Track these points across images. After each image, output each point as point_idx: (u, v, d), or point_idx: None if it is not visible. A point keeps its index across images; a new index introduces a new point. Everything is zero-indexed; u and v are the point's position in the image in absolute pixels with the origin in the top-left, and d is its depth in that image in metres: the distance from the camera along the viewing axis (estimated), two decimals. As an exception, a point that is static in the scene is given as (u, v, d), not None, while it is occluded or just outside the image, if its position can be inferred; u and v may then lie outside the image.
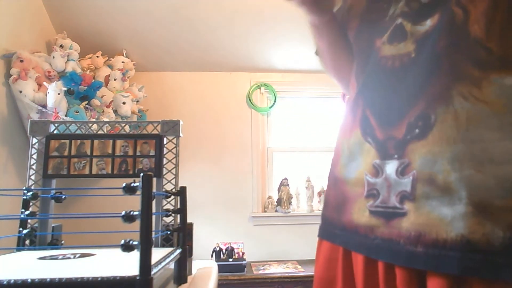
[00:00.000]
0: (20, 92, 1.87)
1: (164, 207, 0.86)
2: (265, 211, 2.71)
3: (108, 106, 2.22)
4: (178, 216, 0.78)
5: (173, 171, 0.89)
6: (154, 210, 0.62)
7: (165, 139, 0.91)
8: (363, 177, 0.54)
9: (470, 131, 0.44)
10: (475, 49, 0.46)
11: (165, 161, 0.89)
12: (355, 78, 0.62)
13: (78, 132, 0.93)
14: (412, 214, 0.47)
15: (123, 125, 1.02)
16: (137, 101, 2.50)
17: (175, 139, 0.91)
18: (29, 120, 0.94)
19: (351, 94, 0.62)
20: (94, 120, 2.02)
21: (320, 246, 0.63)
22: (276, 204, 2.69)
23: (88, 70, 2.26)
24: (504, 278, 0.40)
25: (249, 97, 2.77)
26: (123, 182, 0.51)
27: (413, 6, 0.52)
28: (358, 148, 0.56)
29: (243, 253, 2.39)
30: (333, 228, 0.60)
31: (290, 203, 2.65)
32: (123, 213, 0.49)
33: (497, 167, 0.42)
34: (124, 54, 2.52)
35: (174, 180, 0.88)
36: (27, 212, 0.80)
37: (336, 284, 0.58)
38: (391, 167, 0.50)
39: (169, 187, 0.86)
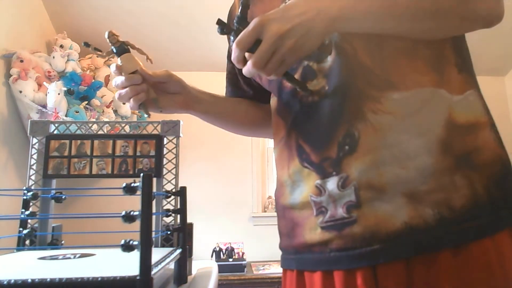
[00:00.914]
0: (20, 92, 1.87)
1: (164, 207, 0.86)
2: (265, 211, 2.71)
3: (108, 106, 2.22)
4: (178, 216, 0.78)
5: (173, 171, 0.89)
6: (154, 210, 0.62)
7: (165, 139, 0.91)
8: (308, 199, 0.60)
9: (387, 138, 0.54)
10: (367, 74, 0.57)
11: (165, 161, 0.89)
12: (281, 118, 0.69)
13: (78, 132, 0.93)
14: (362, 219, 0.54)
15: (123, 125, 1.02)
16: (137, 101, 2.49)
17: (175, 139, 0.91)
18: (29, 120, 0.94)
19: (279, 134, 0.70)
20: (94, 120, 2.03)
21: (284, 277, 0.70)
22: (276, 204, 2.69)
23: (88, 70, 2.26)
24: (445, 247, 0.50)
25: (249, 97, 2.77)
26: (123, 182, 0.51)
27: (338, 51, 0.61)
28: (298, 175, 0.63)
29: (243, 253, 2.39)
30: (288, 255, 0.67)
31: (290, 203, 2.65)
32: (123, 213, 0.49)
33: (414, 161, 0.52)
34: (124, 54, 2.52)
35: (174, 180, 0.88)
36: (27, 212, 0.80)
37: None
38: (332, 183, 0.57)
39: (169, 187, 0.86)
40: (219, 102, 0.87)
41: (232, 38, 0.57)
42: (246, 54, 0.55)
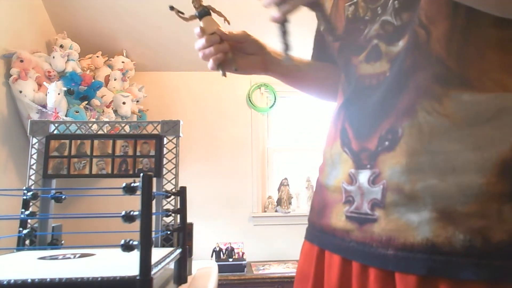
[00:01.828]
0: (20, 92, 1.87)
1: (164, 207, 0.86)
2: (265, 211, 2.71)
3: (108, 106, 2.22)
4: (178, 216, 0.78)
5: (173, 171, 0.89)
6: (154, 210, 0.62)
7: (165, 139, 0.91)
8: (340, 185, 0.58)
9: (432, 144, 0.48)
10: (436, 67, 0.50)
11: (165, 161, 0.89)
12: (342, 91, 0.66)
13: (78, 132, 0.93)
14: (383, 220, 0.51)
15: (123, 125, 1.02)
16: (137, 101, 2.50)
17: (175, 139, 0.91)
18: (29, 120, 0.94)
19: (336, 105, 0.67)
20: (94, 120, 2.03)
21: (303, 245, 0.69)
22: (276, 204, 2.69)
23: (88, 70, 2.26)
24: (465, 277, 0.44)
25: (249, 97, 2.77)
26: (123, 182, 0.51)
27: (388, 29, 0.55)
28: (338, 157, 0.61)
29: (243, 253, 2.39)
30: (314, 230, 0.65)
31: (290, 203, 2.65)
32: (123, 213, 0.49)
33: (459, 176, 0.46)
34: (124, 54, 2.52)
35: (174, 180, 0.88)
36: (27, 212, 0.80)
37: (308, 279, 0.64)
38: (364, 176, 0.54)
39: (169, 187, 0.86)
40: (300, 66, 0.82)
41: None
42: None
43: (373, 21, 0.57)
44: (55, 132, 0.91)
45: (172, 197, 0.85)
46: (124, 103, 2.30)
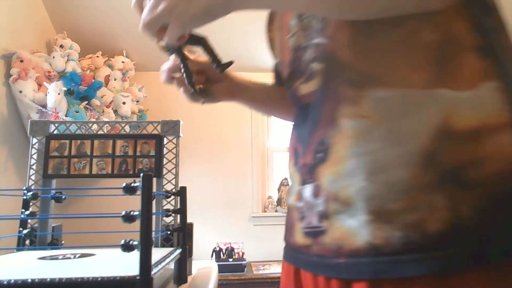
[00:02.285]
0: (20, 92, 1.87)
1: (164, 207, 0.86)
2: (265, 211, 2.71)
3: (108, 106, 2.22)
4: (178, 216, 0.78)
5: (173, 171, 0.89)
6: (154, 210, 0.62)
7: (165, 139, 0.91)
8: (294, 204, 0.60)
9: (357, 146, 0.49)
10: (347, 72, 0.52)
11: (165, 161, 0.89)
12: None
13: (78, 132, 0.93)
14: (330, 230, 0.52)
15: (123, 125, 1.02)
16: (137, 101, 2.50)
17: (175, 139, 0.91)
18: (29, 120, 0.94)
19: None
20: (94, 120, 2.03)
21: (283, 266, 0.70)
22: (276, 204, 2.69)
23: (88, 70, 2.26)
24: (408, 275, 0.43)
25: (249, 97, 2.77)
26: (123, 182, 0.51)
27: (319, 49, 0.58)
28: (293, 177, 0.63)
29: (243, 253, 2.39)
30: (288, 249, 0.67)
31: (290, 203, 2.65)
32: (123, 213, 0.49)
33: (386, 174, 0.46)
34: (124, 54, 2.52)
35: (174, 180, 0.88)
36: (27, 212, 0.80)
37: None
38: (307, 191, 0.55)
39: (169, 187, 0.86)
40: (264, 89, 0.84)
41: None
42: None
43: (308, 46, 0.60)
44: (55, 132, 0.91)
45: (172, 197, 0.85)
46: (124, 103, 2.30)
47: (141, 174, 0.47)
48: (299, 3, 0.51)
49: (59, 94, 1.88)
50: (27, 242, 0.81)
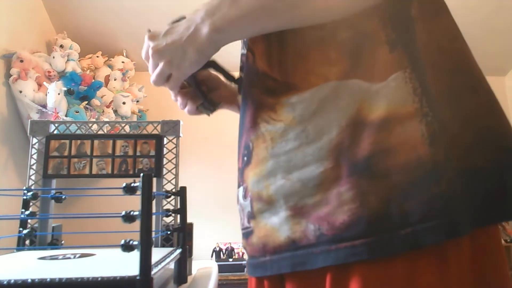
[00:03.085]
0: (20, 92, 1.87)
1: (164, 207, 0.86)
2: (265, 211, 2.71)
3: (108, 106, 2.22)
4: (178, 216, 0.78)
5: (173, 171, 0.89)
6: (154, 210, 0.62)
7: (165, 139, 0.91)
8: (237, 207, 0.62)
9: (275, 148, 0.52)
10: (264, 81, 0.55)
11: (165, 161, 0.89)
12: None
13: (78, 132, 0.93)
14: (256, 229, 0.54)
15: (123, 125, 1.02)
16: (137, 101, 2.50)
17: (175, 139, 0.91)
18: (29, 120, 0.94)
19: None
20: (94, 120, 2.03)
21: None
22: (276, 204, 2.69)
23: (88, 70, 2.26)
24: (318, 266, 0.45)
25: (249, 97, 2.77)
26: (123, 182, 0.51)
27: (243, 59, 0.62)
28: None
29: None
30: None
31: (290, 203, 2.65)
32: (123, 213, 0.49)
33: (301, 172, 0.48)
34: (124, 54, 2.52)
35: (174, 180, 0.88)
36: (27, 212, 0.80)
37: None
38: (240, 193, 0.58)
39: (169, 187, 0.86)
40: None
41: None
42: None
43: (241, 55, 0.64)
44: (55, 132, 0.91)
45: (172, 197, 0.85)
46: (124, 103, 2.30)
47: (141, 174, 0.48)
48: (284, 20, 0.52)
49: (59, 94, 1.88)
50: (27, 242, 0.81)
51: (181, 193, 0.78)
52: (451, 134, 0.46)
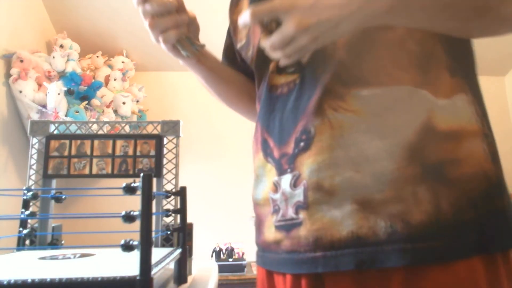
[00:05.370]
0: (20, 92, 1.87)
1: (164, 207, 0.86)
2: (265, 211, 2.70)
3: (108, 106, 2.22)
4: (178, 216, 0.78)
5: (173, 171, 0.89)
6: (154, 210, 0.62)
7: (165, 139, 0.91)
8: (268, 196, 0.58)
9: (344, 137, 0.50)
10: (339, 70, 0.53)
11: (165, 161, 0.89)
12: (258, 105, 0.67)
13: (78, 132, 0.93)
14: (307, 221, 0.50)
15: (123, 125, 1.02)
16: (137, 101, 2.49)
17: (175, 139, 0.91)
18: (29, 120, 0.94)
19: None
20: (94, 120, 2.03)
21: (257, 271, 0.68)
22: (276, 204, 2.69)
23: (88, 70, 2.26)
24: (392, 265, 0.44)
25: (249, 97, 2.77)
26: (123, 182, 0.51)
27: None
28: (262, 170, 0.60)
29: (243, 253, 2.39)
30: (258, 251, 0.65)
31: (290, 203, 2.65)
32: (123, 213, 0.49)
33: (372, 165, 0.48)
34: (124, 54, 2.52)
35: (174, 180, 0.88)
36: (27, 212, 0.80)
37: None
38: (285, 181, 0.54)
39: (169, 187, 0.86)
40: (223, 66, 0.80)
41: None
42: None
43: None
44: (55, 132, 0.91)
45: (172, 197, 0.85)
46: (124, 103, 2.30)
47: (141, 174, 0.48)
48: (448, 25, 0.50)
49: (59, 94, 1.88)
50: (27, 242, 0.81)
51: (181, 193, 0.78)
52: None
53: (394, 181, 0.47)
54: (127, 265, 0.52)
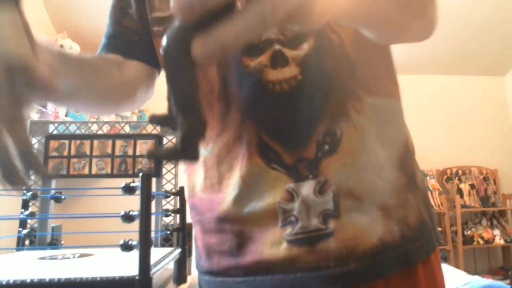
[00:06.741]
0: (20, 92, 1.87)
1: (164, 207, 0.86)
2: (265, 211, 2.70)
3: (108, 106, 2.22)
4: (178, 216, 0.78)
5: (173, 171, 0.89)
6: (153, 210, 0.62)
7: (164, 139, 0.91)
8: (274, 207, 0.49)
9: (366, 142, 0.50)
10: (354, 69, 0.51)
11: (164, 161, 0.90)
12: (220, 104, 0.54)
13: (78, 132, 0.93)
14: (340, 231, 0.46)
15: (122, 125, 1.02)
16: (137, 101, 2.50)
17: (174, 139, 0.91)
18: (29, 120, 0.94)
19: (215, 127, 0.55)
20: (93, 120, 2.03)
21: None
22: (276, 204, 2.68)
23: (88, 70, 2.26)
24: (409, 265, 0.48)
25: (249, 97, 2.76)
26: (122, 182, 0.52)
27: (288, 34, 0.52)
28: (259, 178, 0.51)
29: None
30: (226, 277, 0.52)
31: (290, 203, 2.65)
32: (122, 213, 0.49)
33: (385, 172, 0.49)
34: (124, 54, 2.52)
35: (173, 180, 0.88)
36: (26, 212, 0.80)
37: None
38: (307, 188, 0.48)
39: (168, 187, 0.87)
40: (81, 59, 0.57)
41: None
42: None
43: None
44: (55, 132, 0.91)
45: (172, 197, 0.85)
46: (124, 103, 2.30)
47: (140, 174, 0.48)
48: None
49: (59, 94, 1.89)
50: (27, 242, 0.82)
51: (181, 193, 0.78)
52: None
53: (398, 188, 0.50)
54: (126, 265, 0.52)
